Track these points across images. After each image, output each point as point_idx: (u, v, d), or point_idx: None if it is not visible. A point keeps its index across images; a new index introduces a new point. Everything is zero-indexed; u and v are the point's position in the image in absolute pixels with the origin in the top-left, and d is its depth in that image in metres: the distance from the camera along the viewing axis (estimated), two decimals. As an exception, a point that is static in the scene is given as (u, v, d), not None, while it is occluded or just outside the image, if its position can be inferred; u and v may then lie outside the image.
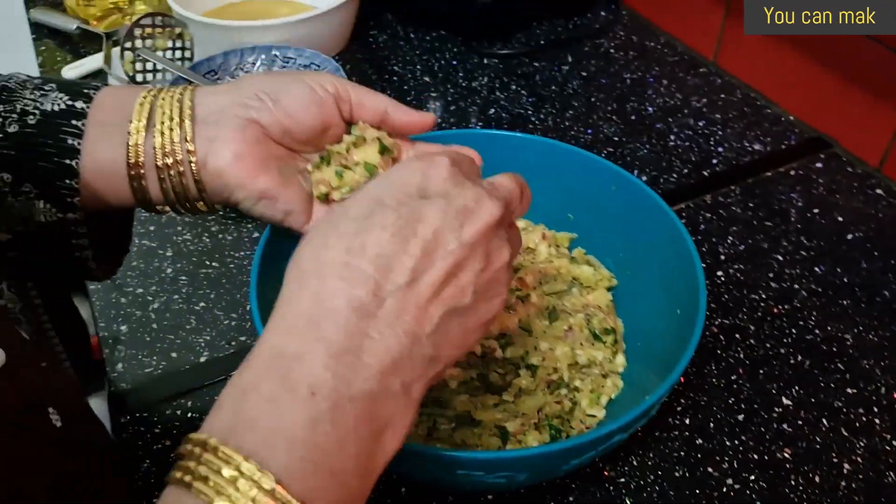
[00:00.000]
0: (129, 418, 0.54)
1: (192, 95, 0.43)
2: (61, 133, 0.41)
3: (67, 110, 0.42)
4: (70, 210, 0.42)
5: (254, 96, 0.43)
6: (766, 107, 0.83)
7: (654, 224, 0.53)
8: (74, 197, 0.42)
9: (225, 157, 0.42)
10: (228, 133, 0.42)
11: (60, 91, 0.43)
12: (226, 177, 0.42)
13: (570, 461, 0.41)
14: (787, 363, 0.58)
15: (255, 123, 0.43)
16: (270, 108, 0.43)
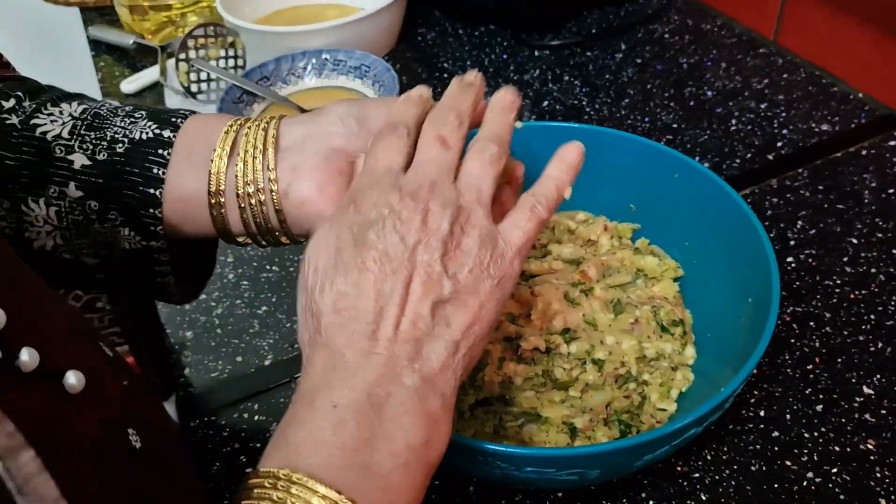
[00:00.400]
0: (197, 422, 0.55)
1: (277, 125, 0.43)
2: (147, 162, 0.42)
3: (155, 139, 0.42)
4: (153, 238, 0.43)
5: (338, 122, 0.43)
6: (833, 84, 0.79)
7: (720, 211, 0.52)
8: (158, 226, 0.42)
9: (308, 187, 0.41)
10: (312, 161, 0.42)
11: (149, 119, 0.43)
12: (308, 207, 0.42)
13: (643, 457, 0.40)
14: (867, 350, 0.56)
15: (340, 152, 0.42)
16: (356, 133, 0.42)
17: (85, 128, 0.43)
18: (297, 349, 0.59)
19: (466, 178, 0.39)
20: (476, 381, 0.50)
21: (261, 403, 0.56)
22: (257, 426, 0.55)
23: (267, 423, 0.55)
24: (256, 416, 0.55)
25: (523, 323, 0.51)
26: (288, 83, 0.81)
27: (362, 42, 0.84)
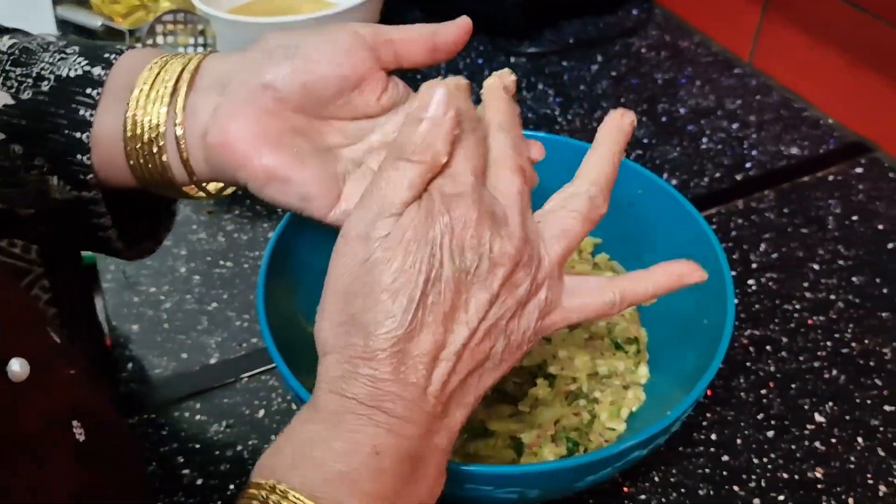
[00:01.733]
0: (136, 420, 0.53)
1: (200, 60, 0.38)
2: (74, 102, 0.37)
3: (83, 76, 0.38)
4: (84, 188, 0.38)
5: (267, 54, 0.37)
6: (804, 109, 0.79)
7: (681, 229, 0.51)
8: (87, 174, 0.38)
9: (227, 130, 0.36)
10: (235, 101, 0.37)
11: (81, 55, 0.38)
12: (227, 153, 0.37)
13: (584, 478, 0.39)
14: (821, 377, 0.55)
15: (269, 88, 0.37)
16: (286, 64, 0.37)
17: (11, 63, 0.38)
18: (244, 348, 0.58)
19: (560, 230, 0.35)
20: (424, 391, 0.48)
21: (203, 403, 0.54)
22: (198, 426, 0.53)
23: (208, 424, 0.53)
24: (198, 416, 0.53)
25: (475, 333, 0.50)
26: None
27: (336, 38, 0.82)
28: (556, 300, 0.36)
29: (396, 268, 0.32)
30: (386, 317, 0.32)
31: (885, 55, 0.72)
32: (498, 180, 0.35)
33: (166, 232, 0.47)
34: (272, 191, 0.37)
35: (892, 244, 0.65)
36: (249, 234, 0.67)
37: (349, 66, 0.37)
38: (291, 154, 0.37)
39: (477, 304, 0.33)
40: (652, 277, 0.38)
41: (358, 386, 0.32)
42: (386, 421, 0.32)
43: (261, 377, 0.56)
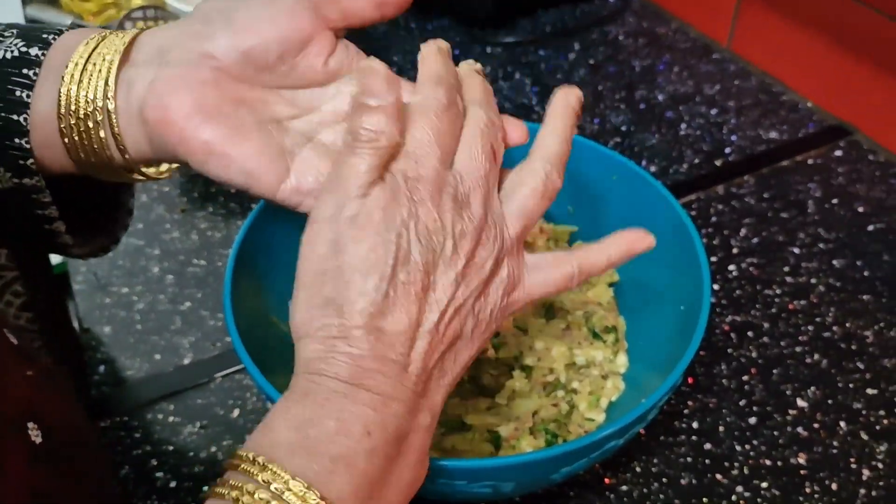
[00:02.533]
0: (108, 423, 0.52)
1: (137, 34, 0.37)
2: (9, 84, 0.36)
3: (20, 58, 0.36)
4: (25, 175, 0.37)
5: (204, 19, 0.36)
6: (783, 93, 0.79)
7: (657, 215, 0.50)
8: (28, 159, 0.36)
9: (164, 104, 0.35)
10: (172, 73, 0.35)
11: (19, 37, 0.37)
12: (164, 127, 0.35)
13: (559, 469, 0.38)
14: (803, 362, 0.55)
15: (208, 57, 0.35)
16: (224, 31, 0.35)
17: None
18: (218, 348, 0.57)
19: (517, 209, 0.36)
20: (399, 386, 0.48)
21: (177, 404, 0.53)
22: (172, 428, 0.52)
23: (182, 425, 0.52)
24: (171, 418, 0.52)
25: (451, 326, 0.50)
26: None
27: (309, 32, 0.81)
28: (518, 277, 0.36)
29: (366, 247, 0.32)
30: (359, 295, 0.32)
31: (862, 38, 0.71)
32: (466, 160, 0.35)
33: (123, 230, 0.45)
34: (213, 167, 0.36)
35: (872, 226, 0.64)
36: (223, 232, 0.65)
37: (291, 27, 0.36)
38: (231, 127, 0.35)
39: (444, 284, 0.33)
40: (606, 248, 0.39)
41: (338, 365, 0.32)
42: (370, 399, 0.31)
43: (235, 376, 0.55)
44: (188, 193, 0.69)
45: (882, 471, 0.48)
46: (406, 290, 0.32)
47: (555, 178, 0.37)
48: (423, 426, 0.33)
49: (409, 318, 0.32)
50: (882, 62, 0.70)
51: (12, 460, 0.32)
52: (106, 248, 0.45)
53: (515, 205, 0.36)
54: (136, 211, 0.67)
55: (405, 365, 0.33)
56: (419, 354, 0.33)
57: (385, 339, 0.32)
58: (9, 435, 0.32)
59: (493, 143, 0.36)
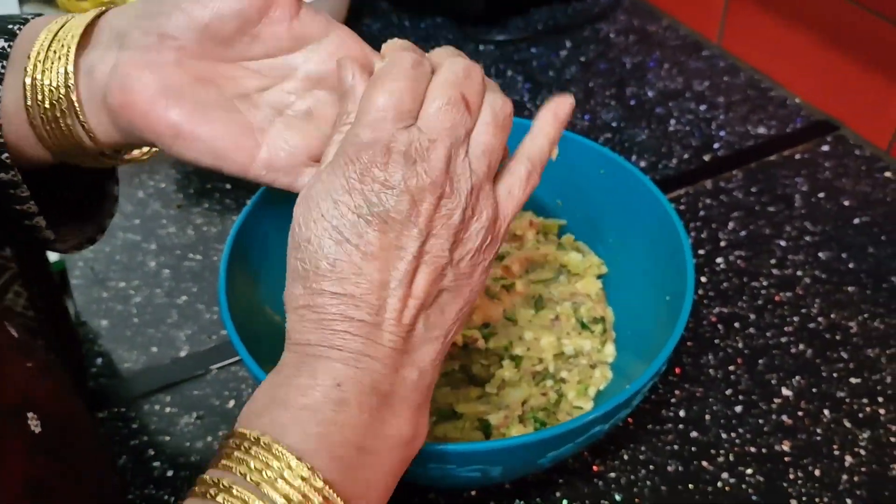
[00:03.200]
0: (106, 414, 0.53)
1: (97, 15, 0.36)
2: None
3: None
4: (1, 170, 0.36)
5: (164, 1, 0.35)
6: (772, 89, 0.80)
7: (643, 208, 0.51)
8: (1, 153, 0.36)
9: (127, 88, 0.34)
10: (133, 56, 0.34)
11: None
12: (128, 112, 0.35)
13: (546, 454, 0.39)
14: (788, 352, 0.56)
15: (166, 38, 0.35)
16: (179, 8, 0.35)
17: None
18: (214, 340, 0.58)
19: (478, 149, 0.35)
20: (391, 376, 0.49)
21: (174, 396, 0.54)
22: (168, 419, 0.53)
23: (178, 416, 0.53)
24: (168, 409, 0.53)
25: (442, 317, 0.50)
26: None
27: (304, 30, 0.82)
28: (497, 212, 0.36)
29: (315, 217, 0.33)
30: (316, 262, 0.33)
31: (850, 35, 0.72)
32: (428, 114, 0.34)
33: (109, 218, 0.45)
34: (180, 148, 0.36)
35: (857, 220, 0.66)
36: (218, 227, 0.66)
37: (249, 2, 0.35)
38: (197, 107, 0.35)
39: (407, 239, 0.33)
40: (539, 129, 0.38)
41: (308, 331, 0.33)
42: (341, 357, 0.32)
43: (231, 368, 0.56)
44: (184, 190, 0.70)
45: (864, 457, 0.50)
46: (363, 251, 0.33)
47: (504, 110, 0.36)
48: (409, 380, 0.34)
49: (370, 277, 0.33)
50: (869, 59, 0.71)
51: (12, 449, 0.32)
52: (92, 238, 0.45)
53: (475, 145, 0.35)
54: (133, 207, 0.68)
55: (377, 323, 0.33)
56: (392, 312, 0.33)
57: (349, 300, 0.33)
58: (9, 424, 0.33)
59: (466, 92, 0.34)
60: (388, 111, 0.33)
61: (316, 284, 0.33)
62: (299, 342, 0.33)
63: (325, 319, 0.33)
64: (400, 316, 0.33)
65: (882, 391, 0.53)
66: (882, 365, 0.55)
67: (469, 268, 0.35)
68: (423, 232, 0.33)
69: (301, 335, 0.33)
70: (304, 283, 0.33)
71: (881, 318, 0.58)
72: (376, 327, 0.33)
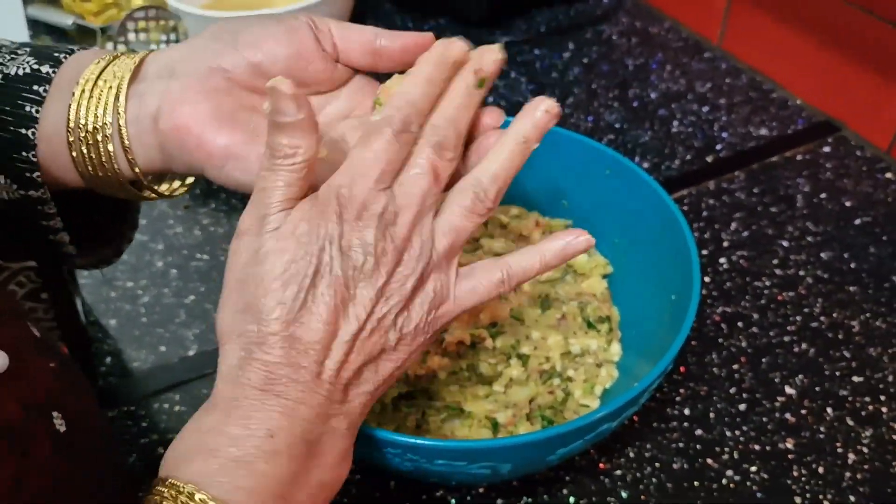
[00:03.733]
0: (116, 412, 0.54)
1: (143, 55, 0.39)
2: (20, 99, 0.37)
3: (32, 74, 0.38)
4: (31, 187, 0.38)
5: (212, 37, 0.38)
6: (773, 91, 0.81)
7: (648, 208, 0.52)
8: (34, 172, 0.38)
9: (180, 112, 0.37)
10: (186, 83, 0.37)
11: (32, 55, 0.39)
12: (181, 135, 0.37)
13: (555, 451, 0.40)
14: (791, 351, 0.56)
15: (219, 70, 0.37)
16: (233, 45, 0.37)
17: None
18: (222, 339, 0.58)
19: (446, 226, 0.36)
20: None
21: (183, 394, 0.55)
22: (178, 417, 0.53)
23: (188, 415, 0.53)
24: (177, 408, 0.54)
25: (450, 316, 0.51)
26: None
27: (308, 32, 0.82)
28: (447, 292, 0.37)
29: (288, 259, 0.33)
30: (277, 303, 0.33)
31: (851, 36, 0.73)
32: (407, 177, 0.35)
33: (127, 243, 0.47)
34: (231, 170, 0.37)
35: (858, 220, 0.66)
36: (225, 227, 0.67)
37: (295, 43, 0.38)
38: (247, 131, 0.37)
39: (364, 299, 0.34)
40: (540, 249, 0.39)
41: (252, 371, 0.33)
42: (278, 404, 0.33)
43: (239, 367, 0.56)
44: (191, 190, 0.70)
45: (867, 455, 0.50)
46: (324, 302, 0.33)
47: (484, 198, 0.36)
48: (338, 430, 0.35)
49: (324, 328, 0.33)
50: (869, 60, 0.72)
51: (39, 447, 0.33)
52: (109, 259, 0.46)
53: (444, 221, 0.36)
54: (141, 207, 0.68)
55: (318, 373, 0.34)
56: (334, 363, 0.34)
57: (299, 346, 0.33)
58: (37, 423, 0.33)
59: (438, 165, 0.36)
60: (371, 168, 0.34)
61: (265, 326, 0.33)
62: (239, 380, 0.33)
63: (271, 362, 0.33)
64: (341, 369, 0.34)
65: (884, 389, 0.54)
66: (884, 363, 0.55)
67: (410, 338, 0.36)
68: (378, 294, 0.34)
69: (242, 373, 0.33)
70: (254, 319, 0.33)
71: (883, 317, 0.58)
72: (317, 377, 0.34)
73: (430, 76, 0.37)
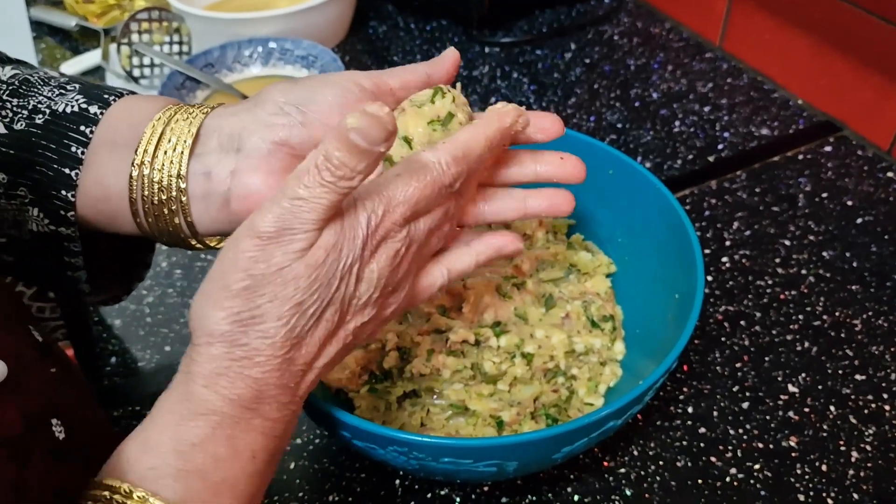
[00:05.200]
0: (120, 412, 0.54)
1: (201, 119, 0.38)
2: (66, 138, 0.38)
3: (79, 113, 0.38)
4: (63, 224, 0.39)
5: (278, 111, 0.38)
6: (774, 91, 0.81)
7: (652, 207, 0.52)
8: (68, 211, 0.38)
9: (251, 192, 0.37)
10: (252, 161, 0.37)
11: (81, 93, 0.39)
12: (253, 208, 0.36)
13: (561, 448, 0.40)
14: (794, 350, 0.57)
15: (285, 146, 0.37)
16: (299, 122, 0.37)
17: (9, 93, 0.39)
18: (227, 339, 0.58)
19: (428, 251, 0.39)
20: (404, 373, 0.49)
21: (188, 393, 0.55)
22: (183, 416, 0.53)
23: (193, 414, 0.53)
24: (182, 406, 0.54)
25: (454, 315, 0.51)
26: (233, 71, 0.80)
27: (312, 32, 0.83)
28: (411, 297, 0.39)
29: (311, 286, 0.33)
30: (288, 328, 0.33)
31: (851, 36, 0.73)
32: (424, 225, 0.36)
33: (137, 282, 0.47)
34: None
35: (860, 219, 0.66)
36: (229, 228, 0.67)
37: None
38: None
39: (354, 325, 0.35)
40: (474, 250, 0.40)
41: (242, 387, 0.32)
42: (262, 425, 0.33)
43: (244, 366, 0.56)
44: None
45: (870, 452, 0.50)
46: (325, 326, 0.34)
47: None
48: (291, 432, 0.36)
49: (316, 350, 0.34)
50: (870, 60, 0.72)
51: (36, 456, 0.32)
52: (118, 297, 0.47)
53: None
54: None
55: (295, 392, 0.34)
56: (308, 382, 0.35)
57: (293, 367, 0.34)
58: (34, 432, 0.33)
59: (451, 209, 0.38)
60: (405, 207, 0.34)
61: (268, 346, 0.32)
62: (224, 392, 0.32)
63: (264, 382, 0.33)
64: (312, 384, 0.35)
65: (887, 387, 0.54)
66: (886, 362, 0.55)
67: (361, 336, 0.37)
68: (367, 322, 0.36)
69: (233, 386, 0.32)
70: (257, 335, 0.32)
71: (885, 315, 0.59)
72: (293, 396, 0.34)
73: (492, 141, 0.37)
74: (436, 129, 0.39)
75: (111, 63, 0.82)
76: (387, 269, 0.35)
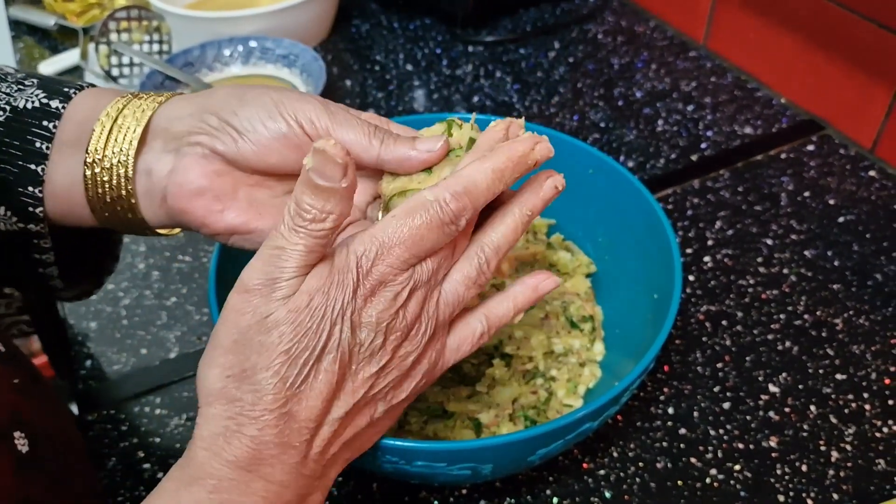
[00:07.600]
0: (96, 416, 0.53)
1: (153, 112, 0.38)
2: (29, 134, 0.37)
3: (41, 109, 0.38)
4: (31, 221, 0.38)
5: (219, 124, 0.37)
6: (758, 90, 0.81)
7: (631, 207, 0.52)
8: (37, 207, 0.38)
9: (184, 194, 0.37)
10: (188, 165, 0.37)
11: (40, 87, 0.39)
12: (187, 215, 0.37)
13: (536, 451, 0.40)
14: (775, 350, 0.56)
15: (221, 155, 0.37)
16: (233, 145, 0.37)
17: None
18: (204, 342, 0.58)
19: (451, 296, 0.35)
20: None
21: (163, 397, 0.54)
22: (158, 420, 0.53)
23: (168, 418, 0.53)
24: (158, 410, 0.53)
25: (432, 317, 0.51)
26: (213, 70, 0.79)
27: (293, 31, 0.82)
28: (441, 360, 0.37)
29: (299, 333, 0.32)
30: (279, 378, 0.31)
31: (835, 35, 0.73)
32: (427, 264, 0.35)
33: (108, 275, 0.47)
34: (236, 240, 0.39)
35: (842, 218, 0.66)
36: (208, 229, 0.66)
37: (292, 158, 0.37)
38: (249, 207, 0.38)
39: (364, 375, 0.34)
40: (511, 295, 0.38)
41: (239, 447, 0.31)
42: (264, 488, 0.32)
43: (221, 369, 0.55)
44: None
45: (850, 452, 0.50)
46: (326, 378, 0.32)
47: (487, 269, 0.36)
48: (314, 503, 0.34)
49: (320, 406, 0.32)
50: (853, 59, 0.72)
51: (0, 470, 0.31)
52: (89, 292, 0.47)
53: (449, 293, 0.36)
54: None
55: (306, 452, 0.33)
56: (322, 441, 0.33)
57: (294, 424, 0.32)
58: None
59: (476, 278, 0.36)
60: (401, 248, 0.33)
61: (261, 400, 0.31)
62: (223, 453, 0.31)
63: (261, 440, 0.31)
64: (328, 445, 0.34)
65: (867, 387, 0.54)
66: (867, 361, 0.55)
67: (398, 406, 0.36)
68: (380, 371, 0.34)
69: (230, 447, 0.31)
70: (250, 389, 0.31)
71: (866, 314, 0.58)
72: (304, 458, 0.33)
73: (502, 172, 0.35)
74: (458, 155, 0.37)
75: (90, 62, 0.81)
76: (386, 313, 0.33)
